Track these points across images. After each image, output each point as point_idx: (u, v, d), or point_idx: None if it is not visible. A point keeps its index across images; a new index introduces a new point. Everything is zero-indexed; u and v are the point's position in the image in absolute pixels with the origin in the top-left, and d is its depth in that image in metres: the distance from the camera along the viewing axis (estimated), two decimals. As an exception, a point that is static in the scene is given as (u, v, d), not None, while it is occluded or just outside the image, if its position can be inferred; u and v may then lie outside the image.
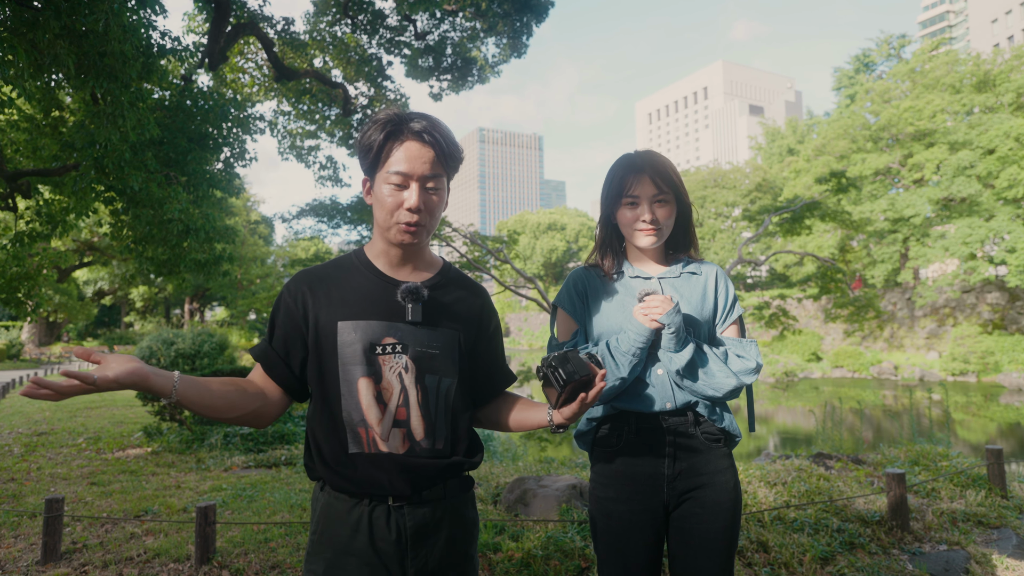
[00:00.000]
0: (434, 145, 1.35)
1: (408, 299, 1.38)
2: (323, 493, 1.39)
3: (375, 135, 1.36)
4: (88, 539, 3.95)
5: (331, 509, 1.36)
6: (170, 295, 40.52)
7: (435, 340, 1.40)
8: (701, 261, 1.85)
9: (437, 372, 1.40)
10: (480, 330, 1.50)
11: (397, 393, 1.36)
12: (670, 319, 1.62)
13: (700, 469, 1.69)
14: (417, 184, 1.35)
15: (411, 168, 1.34)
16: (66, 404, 12.24)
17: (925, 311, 28.12)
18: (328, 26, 12.36)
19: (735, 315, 1.79)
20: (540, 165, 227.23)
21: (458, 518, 1.42)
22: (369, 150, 1.37)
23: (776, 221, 14.10)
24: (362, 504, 1.34)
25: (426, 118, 1.37)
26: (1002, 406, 19.29)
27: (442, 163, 1.37)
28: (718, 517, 1.67)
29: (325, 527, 1.36)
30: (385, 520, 1.33)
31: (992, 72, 28.12)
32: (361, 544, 1.32)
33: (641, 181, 1.72)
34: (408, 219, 1.35)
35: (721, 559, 1.67)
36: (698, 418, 1.71)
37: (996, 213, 24.81)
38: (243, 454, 7.11)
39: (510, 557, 3.35)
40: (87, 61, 4.92)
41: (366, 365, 1.35)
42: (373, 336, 1.36)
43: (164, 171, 7.22)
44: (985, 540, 3.76)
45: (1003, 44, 57.35)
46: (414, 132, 1.35)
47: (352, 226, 13.57)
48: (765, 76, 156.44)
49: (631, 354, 1.66)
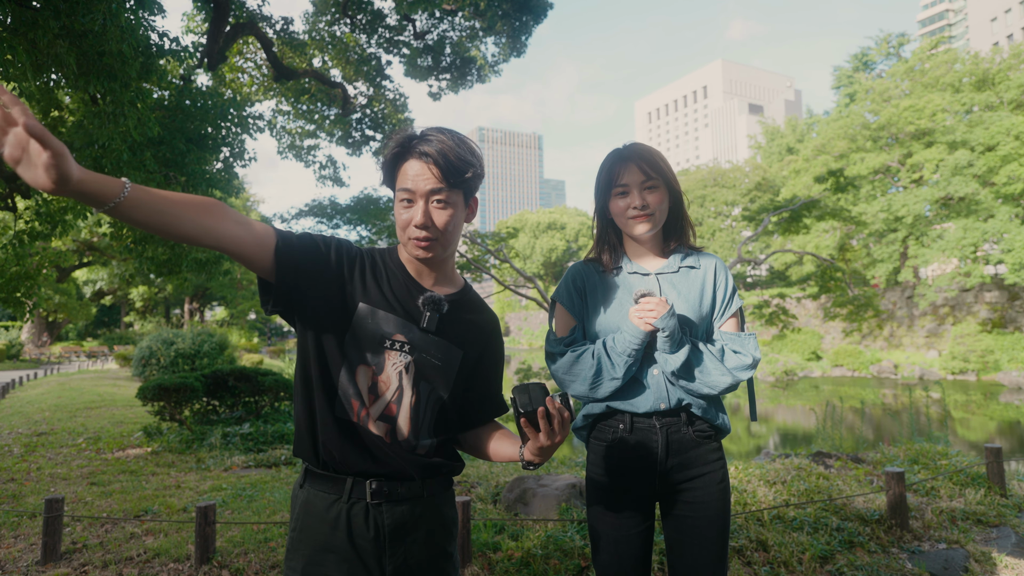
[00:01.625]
0: (436, 162, 1.37)
1: (428, 307, 1.42)
2: (302, 491, 1.40)
3: (388, 155, 1.43)
4: (88, 539, 3.95)
5: (310, 506, 1.38)
6: (170, 295, 40.48)
7: (440, 352, 1.43)
8: (700, 252, 1.86)
9: (432, 382, 1.42)
10: (483, 356, 1.53)
11: (393, 389, 1.38)
12: (664, 323, 1.64)
13: (691, 463, 1.74)
14: (423, 201, 1.38)
15: (415, 185, 1.38)
16: (66, 404, 12.24)
17: (925, 310, 28.12)
18: (327, 26, 12.37)
19: (734, 308, 1.80)
20: (540, 164, 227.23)
21: (437, 516, 1.44)
22: (385, 168, 1.45)
23: (775, 220, 14.13)
24: (340, 501, 1.36)
25: (433, 135, 1.39)
26: (1002, 404, 19.30)
27: (447, 178, 1.38)
28: (709, 508, 1.72)
29: (305, 524, 1.38)
30: (363, 517, 1.35)
31: (992, 71, 28.11)
32: (340, 541, 1.34)
33: (629, 169, 1.76)
34: (417, 235, 1.39)
35: (715, 548, 1.72)
36: (691, 417, 1.75)
37: (995, 212, 24.81)
38: (243, 454, 7.11)
39: (510, 556, 3.36)
40: (86, 61, 4.92)
41: (371, 354, 1.38)
42: (386, 329, 1.39)
43: (163, 171, 7.22)
44: (984, 538, 3.76)
45: (1002, 43, 57.34)
46: (416, 151, 1.38)
47: (352, 226, 13.58)
48: (765, 75, 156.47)
49: (626, 355, 1.69)
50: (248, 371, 9.06)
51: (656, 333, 1.68)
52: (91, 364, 27.47)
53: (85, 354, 33.30)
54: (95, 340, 40.20)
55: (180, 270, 8.09)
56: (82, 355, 33.13)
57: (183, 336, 16.40)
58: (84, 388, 15.65)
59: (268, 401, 9.18)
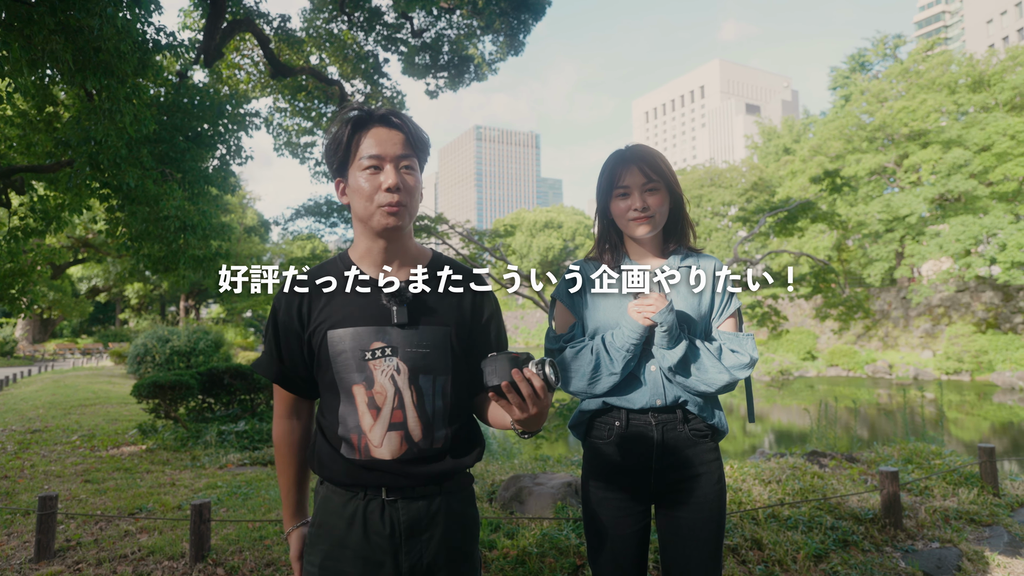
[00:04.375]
0: (401, 127, 1.38)
1: (392, 301, 1.38)
2: (322, 487, 1.43)
3: (341, 131, 1.39)
4: (82, 537, 3.93)
5: (328, 503, 1.39)
6: (165, 292, 40.35)
7: (424, 339, 1.39)
8: (699, 254, 1.87)
9: (431, 371, 1.39)
10: (473, 321, 1.47)
11: (391, 396, 1.36)
12: (662, 317, 1.65)
13: (687, 462, 1.74)
14: (391, 165, 1.36)
15: (383, 150, 1.36)
16: (60, 402, 12.20)
17: (920, 310, 28.21)
18: (325, 23, 12.34)
19: (732, 308, 1.81)
20: (537, 163, 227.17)
21: (455, 515, 1.42)
22: (338, 146, 1.39)
23: (771, 221, 14.16)
24: (357, 498, 1.36)
25: (388, 108, 1.42)
26: (995, 405, 19.39)
27: (412, 144, 1.39)
28: (704, 508, 1.73)
29: (323, 519, 1.39)
30: (379, 514, 1.35)
31: (987, 73, 28.21)
32: (356, 537, 1.35)
33: (630, 171, 1.77)
34: (388, 200, 1.35)
35: (709, 548, 1.72)
36: (687, 415, 1.76)
37: (990, 211, 24.91)
38: (238, 452, 7.10)
39: (505, 555, 3.36)
40: (82, 57, 4.90)
41: (358, 372, 1.36)
42: (362, 342, 1.36)
43: (160, 168, 7.19)
44: (977, 538, 3.78)
45: (998, 45, 57.52)
46: (379, 118, 1.38)
47: (348, 225, 13.56)
48: (762, 75, 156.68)
49: (624, 350, 1.70)
50: (244, 369, 9.05)
51: (654, 328, 1.69)
52: (86, 361, 27.37)
53: (80, 351, 33.18)
54: (90, 337, 40.05)
55: (177, 267, 8.06)
56: (76, 352, 33.01)
57: (178, 334, 16.36)
58: (79, 385, 15.60)
59: (264, 399, 9.17)
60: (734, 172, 42.90)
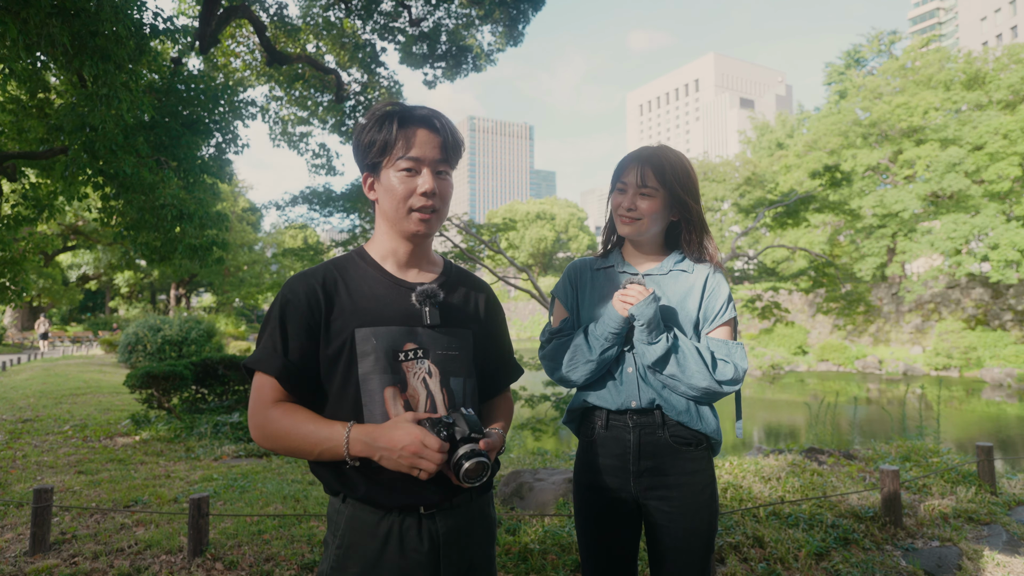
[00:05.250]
0: (442, 132, 1.34)
1: (425, 302, 1.34)
2: (346, 505, 1.32)
3: (385, 127, 1.33)
4: (77, 530, 3.89)
5: (357, 522, 1.30)
6: (156, 280, 40.06)
7: (453, 342, 1.38)
8: (699, 260, 1.84)
9: (460, 374, 1.37)
10: (487, 326, 1.49)
11: (424, 399, 1.32)
12: (640, 310, 1.65)
13: (667, 469, 1.71)
14: (429, 169, 1.33)
15: (422, 153, 1.32)
16: (52, 391, 12.09)
17: (911, 306, 28.42)
18: (322, 11, 12.20)
19: (726, 317, 1.77)
20: (531, 155, 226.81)
21: (483, 519, 1.40)
22: (373, 143, 1.33)
23: (771, 215, 14.16)
24: (391, 515, 1.29)
25: (429, 109, 1.37)
26: (983, 401, 19.57)
27: (449, 150, 1.35)
28: (687, 519, 1.69)
29: (352, 540, 1.30)
30: (416, 530, 1.29)
31: (983, 70, 28.29)
32: (392, 556, 1.28)
33: (632, 170, 1.78)
34: (423, 204, 1.32)
35: (692, 559, 1.69)
36: (665, 419, 1.73)
37: (982, 209, 25.06)
38: (233, 443, 7.05)
39: (507, 551, 3.35)
40: (79, 41, 4.81)
41: (391, 374, 1.30)
42: (394, 343, 1.31)
43: (155, 155, 7.09)
44: (976, 536, 3.80)
45: (991, 42, 57.76)
46: (422, 119, 1.33)
47: (345, 214, 13.47)
48: (756, 69, 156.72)
49: (603, 338, 1.71)
50: (238, 359, 8.99)
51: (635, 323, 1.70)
52: (75, 349, 27.15)
53: (69, 339, 32.92)
54: (80, 325, 39.74)
55: (174, 256, 7.96)
56: (66, 340, 32.75)
57: (170, 323, 16.24)
58: (69, 374, 15.47)
59: (258, 390, 9.10)
60: (727, 167, 42.96)
